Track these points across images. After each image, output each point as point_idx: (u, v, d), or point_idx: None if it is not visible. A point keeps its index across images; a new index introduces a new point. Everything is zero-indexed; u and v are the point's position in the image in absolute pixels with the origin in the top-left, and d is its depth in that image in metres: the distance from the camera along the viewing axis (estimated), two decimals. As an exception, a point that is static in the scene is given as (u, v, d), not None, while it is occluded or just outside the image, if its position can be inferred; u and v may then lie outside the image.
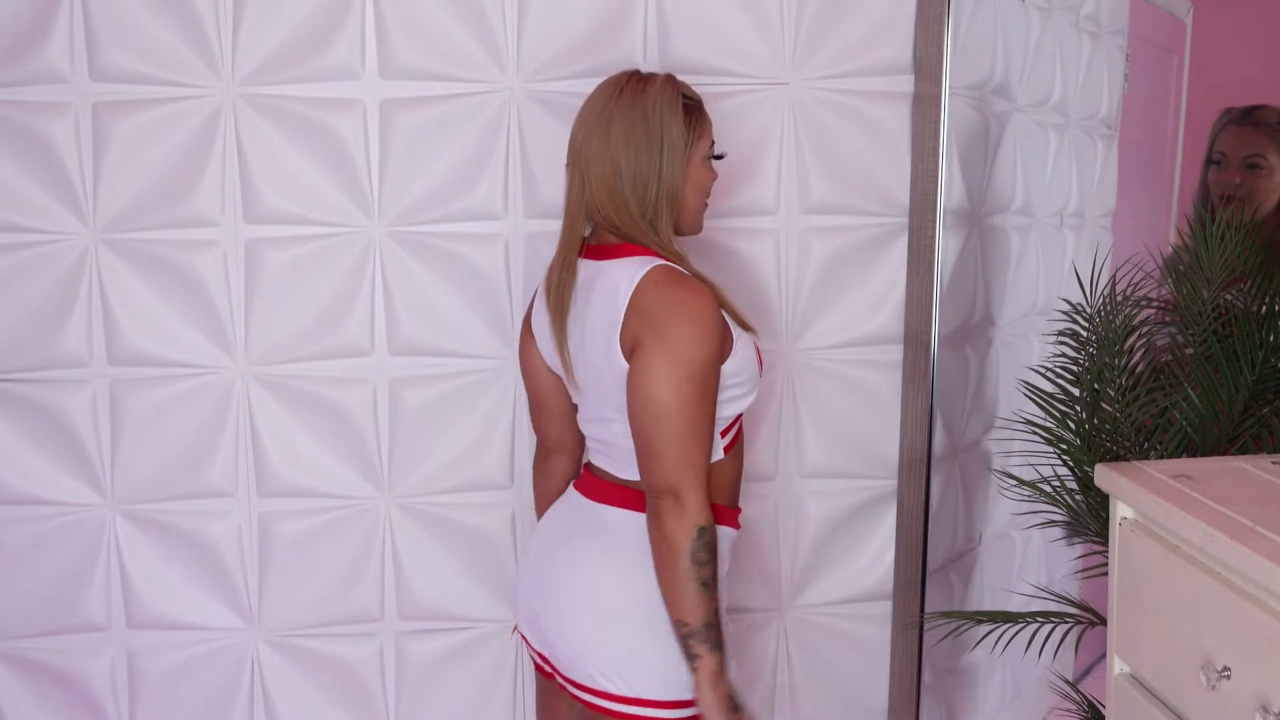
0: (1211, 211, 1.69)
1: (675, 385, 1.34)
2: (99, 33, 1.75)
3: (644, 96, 1.47)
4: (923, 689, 2.06)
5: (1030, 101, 2.21)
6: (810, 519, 2.01)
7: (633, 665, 1.42)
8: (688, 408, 1.34)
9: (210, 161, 1.80)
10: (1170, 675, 1.23)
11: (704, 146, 1.51)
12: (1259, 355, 1.60)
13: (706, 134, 1.51)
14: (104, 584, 1.89)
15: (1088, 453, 1.70)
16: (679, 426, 1.34)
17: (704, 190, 1.53)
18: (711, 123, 1.52)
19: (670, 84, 1.49)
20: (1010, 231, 2.22)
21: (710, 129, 1.52)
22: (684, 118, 1.47)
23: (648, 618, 1.41)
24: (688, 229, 1.54)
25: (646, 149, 1.45)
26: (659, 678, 1.42)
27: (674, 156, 1.46)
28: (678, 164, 1.46)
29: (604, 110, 1.46)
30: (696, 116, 1.50)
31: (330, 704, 1.96)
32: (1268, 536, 1.09)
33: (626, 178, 1.44)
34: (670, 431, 1.34)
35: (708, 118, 1.51)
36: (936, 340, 1.94)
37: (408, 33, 1.79)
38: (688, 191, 1.50)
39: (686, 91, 1.51)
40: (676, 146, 1.46)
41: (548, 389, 1.61)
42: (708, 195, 1.54)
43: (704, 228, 1.56)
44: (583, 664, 1.45)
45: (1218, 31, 2.31)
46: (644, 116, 1.45)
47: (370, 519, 1.91)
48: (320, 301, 1.84)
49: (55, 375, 1.82)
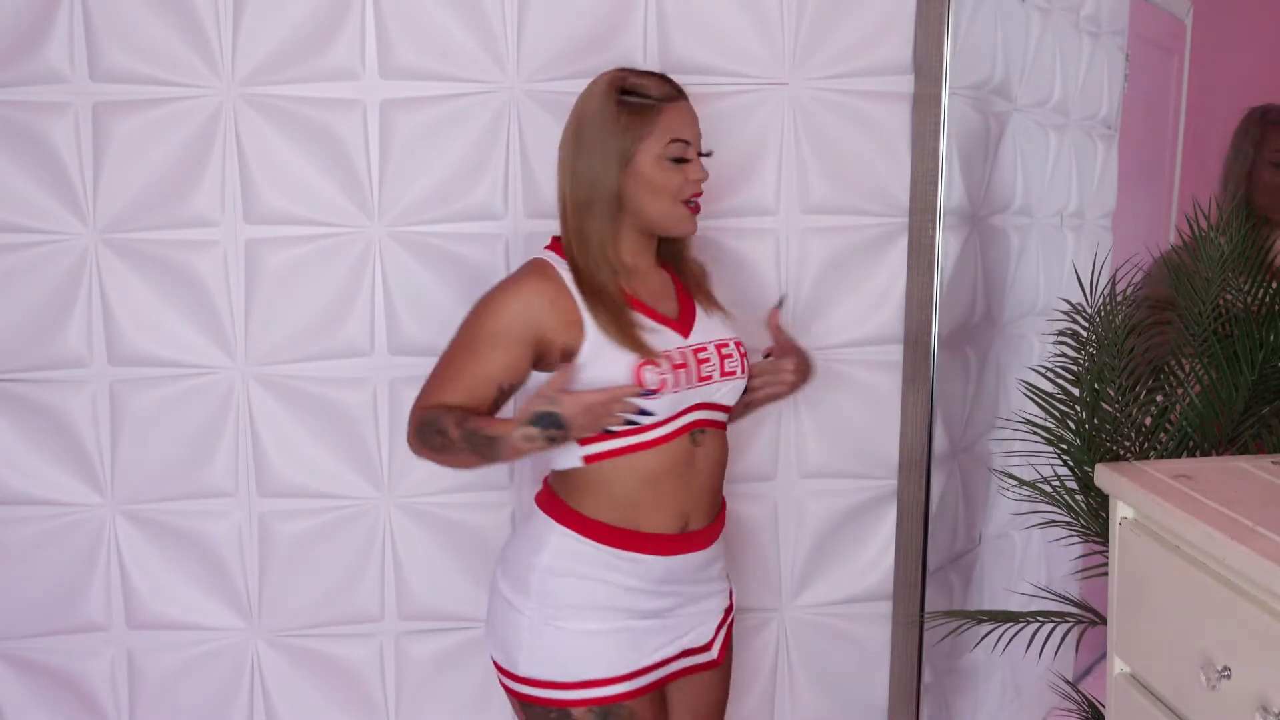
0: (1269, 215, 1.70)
1: (456, 331, 1.51)
2: (99, 33, 1.75)
3: (581, 99, 1.50)
4: (923, 689, 2.06)
5: (1030, 101, 2.21)
6: (810, 519, 2.01)
7: (491, 634, 1.58)
8: (448, 348, 1.50)
9: (210, 161, 1.80)
10: (1170, 675, 1.23)
11: (654, 146, 1.46)
12: (1259, 355, 1.60)
13: (655, 133, 1.47)
14: (104, 584, 1.89)
15: (1088, 453, 1.70)
16: (440, 359, 1.51)
17: (662, 190, 1.48)
18: (675, 119, 1.48)
19: (608, 86, 1.48)
20: (1010, 231, 2.22)
21: (663, 127, 1.47)
22: (624, 119, 1.46)
23: (507, 592, 1.54)
24: (661, 230, 1.53)
25: (577, 152, 1.48)
26: (509, 649, 1.53)
27: (606, 160, 1.47)
28: (610, 167, 1.46)
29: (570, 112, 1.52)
30: (641, 117, 1.46)
31: (330, 704, 1.96)
32: (1268, 536, 1.09)
33: (563, 179, 1.50)
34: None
35: (662, 116, 1.47)
36: (936, 340, 1.94)
37: (408, 33, 1.79)
38: (637, 194, 1.48)
39: (637, 89, 1.47)
40: (609, 150, 1.46)
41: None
42: (677, 194, 1.49)
43: (703, 227, 1.56)
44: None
45: (1218, 31, 2.31)
46: (577, 120, 1.49)
47: (370, 519, 1.91)
48: (320, 301, 1.84)
49: (55, 375, 1.82)
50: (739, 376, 1.56)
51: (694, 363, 1.50)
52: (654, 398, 1.44)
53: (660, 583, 1.53)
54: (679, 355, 1.49)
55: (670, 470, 1.51)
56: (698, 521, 1.55)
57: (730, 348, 1.56)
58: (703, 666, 1.62)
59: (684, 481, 1.52)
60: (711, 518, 1.58)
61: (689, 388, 1.49)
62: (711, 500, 1.58)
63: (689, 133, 1.50)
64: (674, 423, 1.50)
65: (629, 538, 1.50)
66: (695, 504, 1.54)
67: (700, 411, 1.52)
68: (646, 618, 1.54)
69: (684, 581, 1.56)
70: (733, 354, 1.56)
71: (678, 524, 1.53)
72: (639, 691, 1.52)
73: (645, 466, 1.49)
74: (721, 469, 1.59)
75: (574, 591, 1.51)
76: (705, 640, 1.61)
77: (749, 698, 2.05)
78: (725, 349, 1.55)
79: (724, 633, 1.64)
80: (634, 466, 1.49)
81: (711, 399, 1.53)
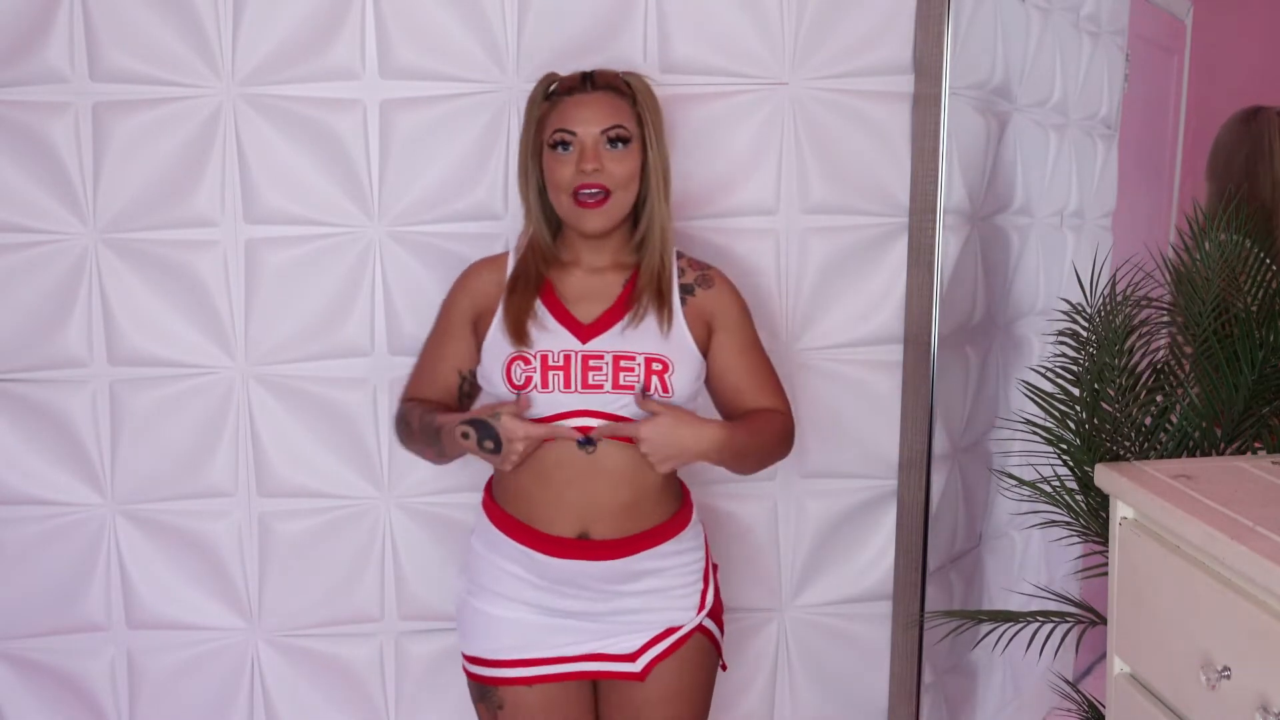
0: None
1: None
2: (99, 33, 1.74)
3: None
4: (923, 689, 2.06)
5: (1030, 101, 2.21)
6: (810, 519, 2.01)
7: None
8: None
9: (210, 161, 1.80)
10: (1170, 675, 1.23)
11: (539, 138, 1.52)
12: (1259, 355, 1.60)
13: (547, 127, 1.51)
14: (104, 584, 1.89)
15: (1088, 453, 1.70)
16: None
17: (553, 184, 1.51)
18: (569, 111, 1.49)
19: (538, 86, 1.54)
20: (1010, 231, 2.22)
21: (554, 119, 1.49)
22: (532, 115, 1.53)
23: (465, 576, 1.63)
24: (569, 225, 1.54)
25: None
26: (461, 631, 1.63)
27: (522, 152, 1.55)
28: (531, 163, 1.54)
29: None
30: (544, 111, 1.52)
31: (330, 704, 1.96)
32: (1268, 536, 1.09)
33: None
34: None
35: (557, 108, 1.50)
36: (936, 340, 1.94)
37: (408, 33, 1.79)
38: (547, 189, 1.53)
39: (557, 82, 1.53)
40: (525, 146, 1.55)
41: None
42: (564, 186, 1.49)
43: (703, 227, 1.56)
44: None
45: (1218, 31, 2.32)
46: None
47: (370, 519, 1.91)
48: (320, 301, 1.84)
49: (55, 375, 1.82)
50: (639, 393, 1.49)
51: (579, 369, 1.49)
52: (520, 392, 1.48)
53: (557, 583, 1.53)
54: (560, 358, 1.49)
55: (561, 472, 1.50)
56: (601, 532, 1.51)
57: (635, 361, 1.50)
58: (621, 675, 1.58)
59: (580, 488, 1.50)
60: (624, 533, 1.52)
61: (568, 392, 1.48)
62: (622, 514, 1.52)
63: (579, 124, 1.48)
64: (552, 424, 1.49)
65: (525, 532, 1.53)
66: (597, 514, 1.51)
67: (587, 419, 1.49)
68: (549, 614, 1.55)
69: (590, 588, 1.53)
70: (634, 369, 1.50)
71: (574, 529, 1.51)
72: (524, 680, 1.56)
73: (535, 461, 1.50)
74: (634, 485, 1.51)
75: (484, 572, 1.59)
76: (627, 650, 1.57)
77: (749, 698, 2.05)
78: (626, 361, 1.50)
79: (658, 650, 1.58)
80: (527, 459, 1.50)
81: (606, 409, 1.49)
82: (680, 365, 1.52)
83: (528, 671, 1.56)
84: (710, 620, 1.62)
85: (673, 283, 1.57)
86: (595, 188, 1.48)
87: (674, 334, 1.54)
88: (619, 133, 1.49)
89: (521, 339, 1.50)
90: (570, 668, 1.57)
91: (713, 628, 1.63)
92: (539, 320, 1.53)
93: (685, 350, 1.54)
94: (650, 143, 1.52)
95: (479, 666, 1.59)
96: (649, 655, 1.58)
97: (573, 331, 1.52)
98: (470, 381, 1.61)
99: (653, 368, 1.50)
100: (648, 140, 1.52)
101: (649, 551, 1.54)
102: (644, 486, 1.53)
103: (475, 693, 1.61)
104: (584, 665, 1.57)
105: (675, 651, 1.58)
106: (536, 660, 1.56)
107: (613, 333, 1.52)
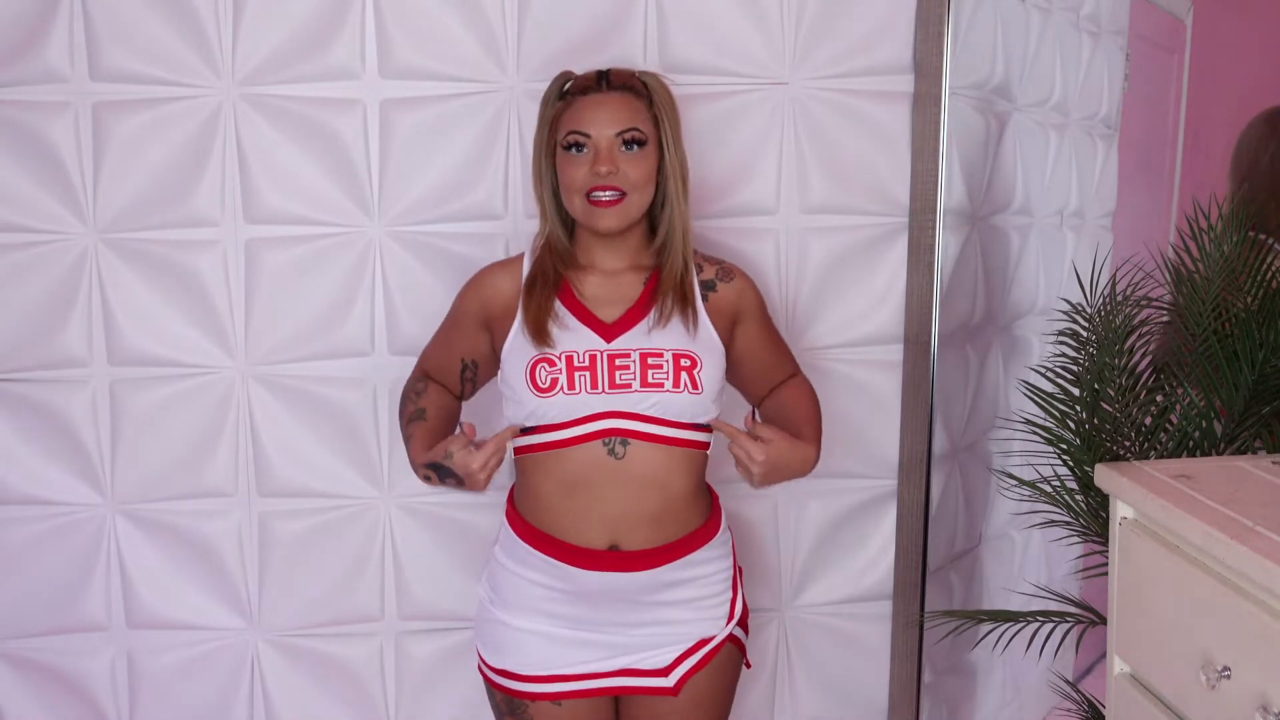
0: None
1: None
2: (99, 33, 1.74)
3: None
4: (923, 689, 2.06)
5: (1030, 101, 2.21)
6: (810, 519, 2.01)
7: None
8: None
9: (210, 161, 1.80)
10: (1170, 675, 1.23)
11: (553, 138, 1.50)
12: (1259, 355, 1.60)
13: (555, 124, 1.50)
14: (104, 584, 1.89)
15: (1088, 453, 1.70)
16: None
17: (566, 185, 1.48)
18: (581, 112, 1.47)
19: (552, 86, 1.53)
20: (1010, 231, 2.22)
21: (566, 120, 1.48)
22: (546, 116, 1.51)
23: (483, 574, 1.63)
24: (584, 226, 1.52)
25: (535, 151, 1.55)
26: (475, 625, 1.63)
27: (536, 152, 1.54)
28: (546, 164, 1.52)
29: None
30: (558, 112, 1.50)
31: (330, 704, 1.96)
32: (1268, 536, 1.09)
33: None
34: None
35: (570, 109, 1.48)
36: (936, 340, 1.94)
37: (408, 33, 1.79)
38: (560, 190, 1.51)
39: (571, 80, 1.52)
40: (535, 143, 1.54)
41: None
42: (578, 188, 1.46)
43: (703, 227, 1.56)
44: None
45: (1218, 31, 2.31)
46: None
47: (370, 519, 1.91)
48: (320, 301, 1.84)
49: (55, 375, 1.82)
50: (669, 390, 1.46)
51: (606, 369, 1.46)
52: (547, 397, 1.44)
53: (587, 596, 1.50)
54: (585, 358, 1.46)
55: (588, 480, 1.46)
56: (633, 543, 1.47)
57: (663, 358, 1.47)
58: (654, 691, 1.55)
59: (608, 497, 1.46)
60: (655, 542, 1.48)
61: (595, 393, 1.45)
62: (652, 522, 1.48)
63: (594, 126, 1.46)
64: (578, 428, 1.45)
65: (552, 544, 1.49)
66: (627, 524, 1.47)
67: (615, 420, 1.45)
68: (576, 628, 1.52)
69: (622, 600, 1.50)
70: (663, 366, 1.46)
71: (604, 541, 1.48)
72: (554, 696, 1.52)
73: (561, 469, 1.47)
74: (663, 492, 1.48)
75: (508, 585, 1.55)
76: (659, 665, 1.54)
77: (749, 698, 2.05)
78: (654, 359, 1.47)
79: (690, 663, 1.55)
80: (549, 467, 1.48)
81: (635, 409, 1.45)
82: (708, 361, 1.50)
83: (558, 688, 1.52)
84: (739, 628, 1.61)
85: (694, 283, 1.55)
86: (610, 189, 1.46)
87: (700, 332, 1.52)
88: (634, 135, 1.46)
89: (543, 339, 1.47)
90: (601, 684, 1.54)
91: (741, 635, 1.62)
92: (560, 320, 1.49)
93: (712, 346, 1.52)
94: (667, 144, 1.50)
95: (507, 680, 1.55)
96: (682, 669, 1.55)
97: (596, 331, 1.49)
98: (473, 370, 1.60)
99: (680, 364, 1.47)
100: (664, 141, 1.50)
101: (681, 560, 1.51)
102: (672, 493, 1.49)
103: (504, 704, 1.58)
104: (615, 681, 1.54)
105: (708, 664, 1.57)
106: (567, 676, 1.53)
107: (637, 331, 1.49)
